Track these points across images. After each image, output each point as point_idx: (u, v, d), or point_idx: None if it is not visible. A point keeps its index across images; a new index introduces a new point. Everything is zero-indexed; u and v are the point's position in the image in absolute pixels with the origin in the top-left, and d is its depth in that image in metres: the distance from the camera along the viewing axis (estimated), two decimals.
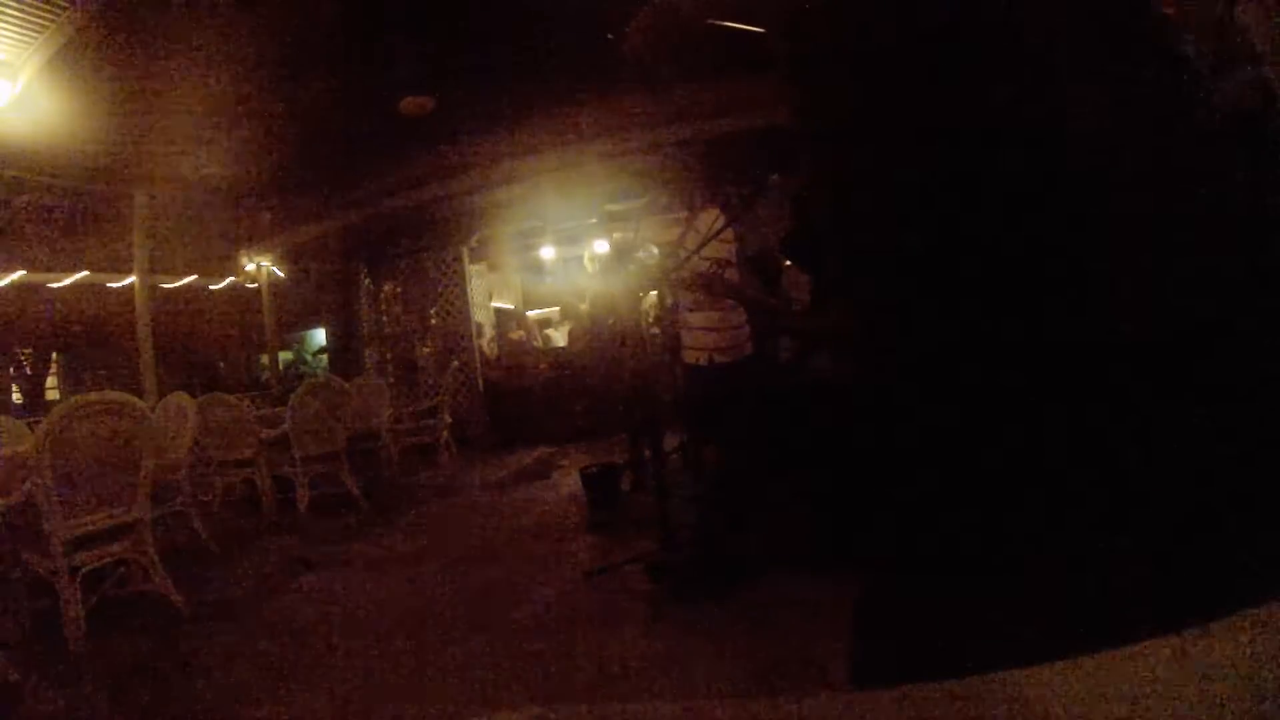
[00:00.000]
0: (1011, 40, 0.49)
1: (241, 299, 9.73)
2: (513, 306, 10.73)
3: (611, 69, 4.79)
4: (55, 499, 2.35)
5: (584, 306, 5.07)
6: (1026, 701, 0.25)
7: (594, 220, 7.86)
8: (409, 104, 5.18)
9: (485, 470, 5.57)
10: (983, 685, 0.26)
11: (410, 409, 6.21)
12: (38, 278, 7.94)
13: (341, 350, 8.39)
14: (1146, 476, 0.45)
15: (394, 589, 2.84)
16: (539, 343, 8.52)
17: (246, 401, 6.23)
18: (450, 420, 6.35)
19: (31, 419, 4.95)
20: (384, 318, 8.12)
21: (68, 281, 8.19)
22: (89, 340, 10.65)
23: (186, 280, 8.93)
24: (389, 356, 8.06)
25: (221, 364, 11.74)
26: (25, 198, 6.56)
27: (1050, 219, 0.47)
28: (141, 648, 2.38)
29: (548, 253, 8.99)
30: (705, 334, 2.61)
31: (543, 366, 7.40)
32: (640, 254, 2.94)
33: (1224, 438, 0.43)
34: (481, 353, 7.51)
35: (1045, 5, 0.49)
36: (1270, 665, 0.26)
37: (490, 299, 9.93)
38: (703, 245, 2.38)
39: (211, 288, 9.43)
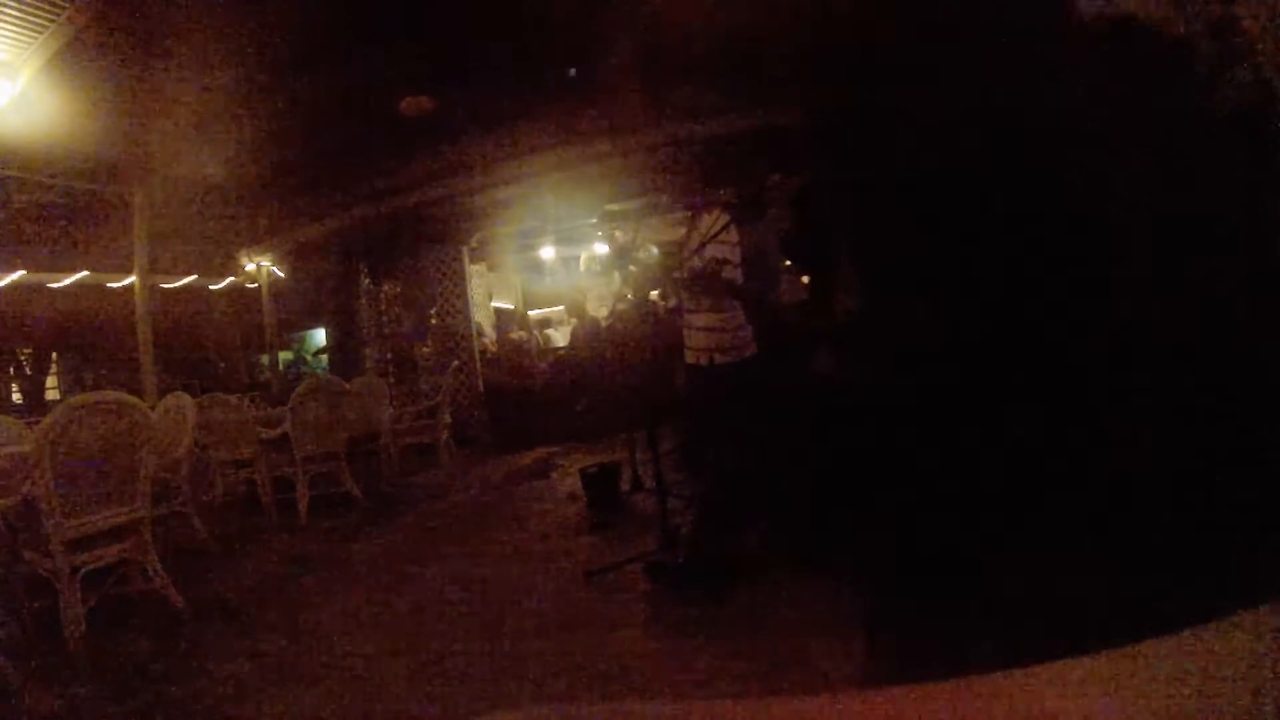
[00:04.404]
0: (1010, 42, 0.49)
1: (241, 299, 9.72)
2: (513, 306, 10.73)
3: (611, 69, 4.79)
4: (55, 499, 2.35)
5: (603, 312, 5.05)
6: (1026, 701, 0.25)
7: (594, 220, 7.85)
8: (409, 104, 5.18)
9: (485, 470, 5.56)
10: (983, 685, 0.26)
11: (410, 409, 6.21)
12: (38, 278, 7.93)
13: (341, 350, 8.38)
14: (1147, 476, 0.45)
15: (394, 589, 2.84)
16: (539, 343, 8.52)
17: (246, 401, 6.24)
18: (450, 420, 6.34)
19: (31, 419, 4.94)
20: (384, 318, 8.11)
21: (68, 281, 8.18)
22: (89, 340, 10.65)
23: (186, 280, 8.92)
24: (389, 356, 8.06)
25: (221, 364, 11.73)
26: (25, 198, 6.55)
27: (1052, 219, 0.47)
28: (141, 648, 2.38)
29: (548, 253, 9.00)
30: (707, 334, 2.61)
31: (543, 366, 7.40)
32: (640, 254, 2.94)
33: (1224, 438, 0.43)
34: (481, 353, 7.51)
35: (1043, 6, 0.49)
36: (1270, 665, 0.26)
37: (490, 299, 9.93)
38: (704, 245, 2.38)
39: (211, 288, 9.43)
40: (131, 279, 6.49)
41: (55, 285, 8.28)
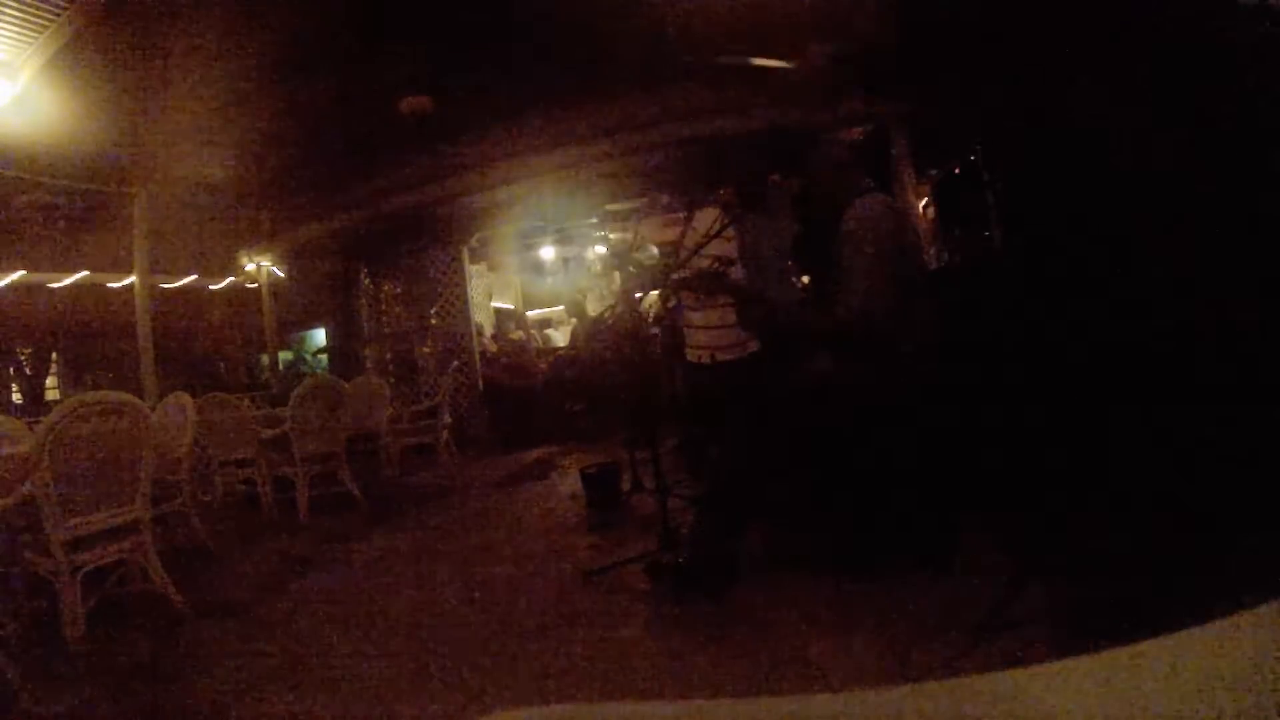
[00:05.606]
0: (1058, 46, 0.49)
1: (241, 299, 9.73)
2: (513, 306, 10.74)
3: (611, 69, 4.79)
4: (55, 499, 2.35)
5: (607, 313, 5.04)
6: (1026, 701, 0.25)
7: (594, 220, 7.86)
8: (409, 104, 5.17)
9: (485, 470, 5.56)
10: (983, 685, 0.26)
11: (410, 409, 6.21)
12: (38, 277, 7.94)
13: (341, 350, 8.38)
14: (1149, 477, 0.45)
15: (394, 589, 2.84)
16: (539, 343, 8.53)
17: (246, 401, 6.24)
18: (450, 420, 6.35)
19: (31, 419, 4.94)
20: (384, 318, 8.12)
21: (68, 281, 8.19)
22: (89, 340, 10.66)
23: (186, 280, 8.93)
24: (389, 356, 8.06)
25: (221, 364, 11.73)
26: (25, 198, 6.55)
27: (1086, 218, 0.47)
28: (141, 648, 2.38)
29: (548, 253, 9.01)
30: (707, 333, 2.61)
31: (543, 366, 7.41)
32: (640, 254, 2.94)
33: (1227, 438, 0.43)
34: (481, 353, 7.52)
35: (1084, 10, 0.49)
36: (1270, 665, 0.26)
37: (490, 299, 9.94)
38: (703, 245, 2.39)
39: (211, 288, 9.43)
40: (131, 279, 6.49)
41: (55, 285, 8.28)
